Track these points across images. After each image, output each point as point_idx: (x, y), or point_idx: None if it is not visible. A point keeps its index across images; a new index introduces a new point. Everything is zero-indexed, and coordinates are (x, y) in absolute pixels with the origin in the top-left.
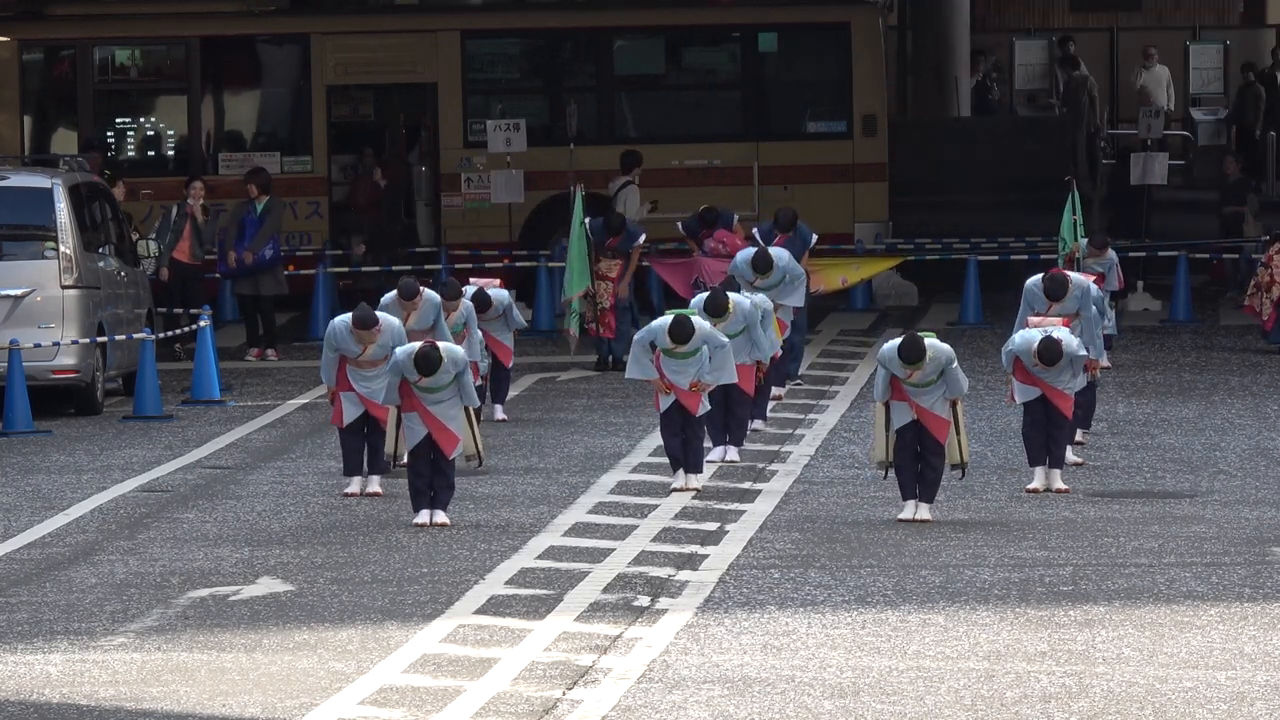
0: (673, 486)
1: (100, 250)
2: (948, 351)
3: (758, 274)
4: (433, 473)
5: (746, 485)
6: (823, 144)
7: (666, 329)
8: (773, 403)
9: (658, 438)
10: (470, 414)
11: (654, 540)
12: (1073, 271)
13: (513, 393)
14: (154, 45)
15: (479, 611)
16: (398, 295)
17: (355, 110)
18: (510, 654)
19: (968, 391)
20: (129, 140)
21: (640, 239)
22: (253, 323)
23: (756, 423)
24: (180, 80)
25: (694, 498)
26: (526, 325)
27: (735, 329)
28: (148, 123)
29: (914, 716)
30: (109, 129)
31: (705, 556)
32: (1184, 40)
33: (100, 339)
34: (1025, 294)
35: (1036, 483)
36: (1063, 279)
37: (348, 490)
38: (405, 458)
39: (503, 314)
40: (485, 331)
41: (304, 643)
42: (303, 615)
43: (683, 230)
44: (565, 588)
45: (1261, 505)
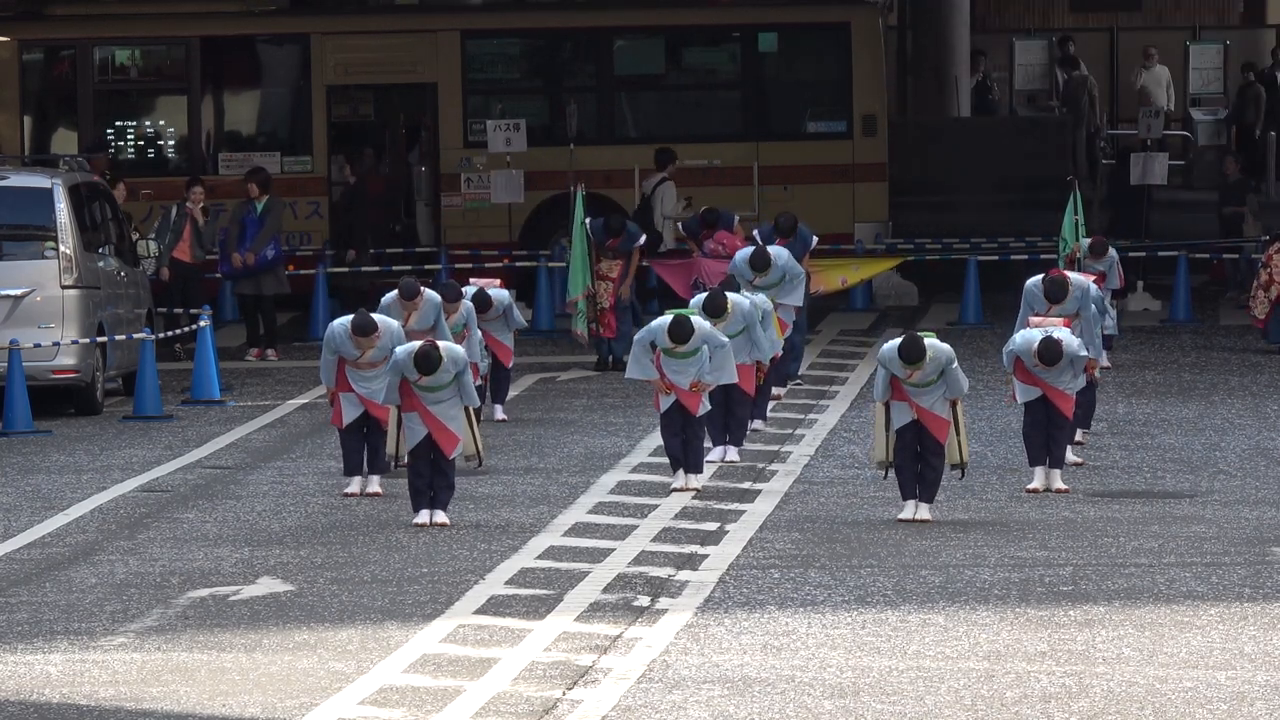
0: (673, 486)
1: (100, 250)
2: (948, 351)
3: (756, 272)
4: (433, 473)
5: (746, 485)
6: (823, 144)
7: (666, 329)
8: (773, 403)
9: (658, 438)
10: (470, 414)
11: (654, 540)
12: (1073, 272)
13: (513, 393)
14: (154, 45)
15: (479, 611)
16: (398, 295)
17: (355, 110)
18: (510, 654)
19: (968, 391)
20: (129, 140)
21: (640, 240)
22: (253, 322)
23: (756, 423)
24: (180, 80)
25: (694, 498)
26: (526, 325)
27: (734, 329)
28: (148, 123)
29: (914, 716)
30: (109, 129)
31: (705, 556)
32: (1184, 40)
33: (100, 339)
34: (1025, 295)
35: (1036, 483)
36: (1062, 281)
37: (348, 490)
38: (405, 458)
39: (503, 314)
40: (485, 331)
41: (304, 643)
42: (303, 615)
43: (683, 231)
44: (565, 588)
45: (1261, 505)
